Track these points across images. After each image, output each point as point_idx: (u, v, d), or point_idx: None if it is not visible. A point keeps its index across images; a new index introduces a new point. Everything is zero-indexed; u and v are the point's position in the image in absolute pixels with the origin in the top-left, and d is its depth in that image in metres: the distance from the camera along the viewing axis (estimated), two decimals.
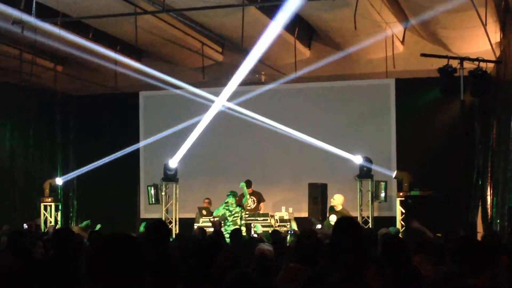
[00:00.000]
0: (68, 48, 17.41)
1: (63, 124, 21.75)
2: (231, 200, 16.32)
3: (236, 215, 16.24)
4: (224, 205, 16.42)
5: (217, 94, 19.60)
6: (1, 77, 19.09)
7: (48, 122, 21.42)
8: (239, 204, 16.75)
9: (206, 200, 18.72)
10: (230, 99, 19.58)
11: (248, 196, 17.52)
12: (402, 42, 18.64)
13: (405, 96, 18.90)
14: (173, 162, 19.06)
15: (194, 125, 19.81)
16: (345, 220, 4.88)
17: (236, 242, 10.76)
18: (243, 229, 15.82)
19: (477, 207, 17.73)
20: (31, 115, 20.61)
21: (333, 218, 15.59)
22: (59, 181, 20.46)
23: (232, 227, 15.11)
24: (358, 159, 18.14)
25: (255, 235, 14.32)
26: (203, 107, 19.95)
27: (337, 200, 16.68)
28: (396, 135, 19.09)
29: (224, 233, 14.73)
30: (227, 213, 16.21)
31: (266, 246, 8.23)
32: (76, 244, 6.83)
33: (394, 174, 18.16)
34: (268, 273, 6.36)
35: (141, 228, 15.53)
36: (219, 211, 16.46)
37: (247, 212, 17.26)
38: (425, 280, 5.34)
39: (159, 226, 6.60)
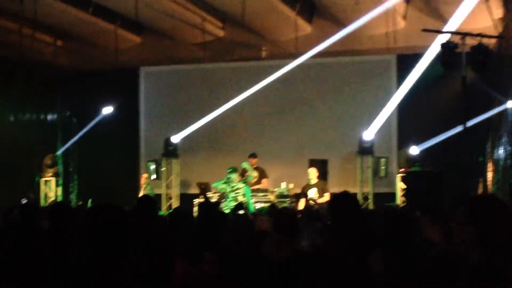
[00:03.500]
0: (68, 22, 17.38)
1: (63, 100, 21.70)
2: (233, 176, 16.27)
3: (238, 191, 16.21)
4: (225, 179, 16.34)
5: (217, 69, 19.57)
6: (1, 51, 19.02)
7: (48, 98, 21.37)
8: (243, 180, 16.69)
9: (144, 175, 18.59)
10: (231, 74, 19.56)
11: (254, 174, 17.41)
12: (404, 17, 18.54)
13: (407, 72, 18.83)
14: (176, 138, 19.04)
15: (194, 100, 19.80)
16: (341, 196, 4.80)
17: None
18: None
19: (477, 184, 17.74)
20: (31, 90, 20.55)
21: (312, 193, 15.66)
22: (59, 154, 20.45)
23: (233, 203, 15.09)
24: (368, 135, 18.02)
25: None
26: (203, 82, 19.94)
27: (311, 174, 16.60)
28: (397, 111, 19.04)
29: (225, 208, 14.74)
30: (228, 189, 16.16)
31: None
32: (73, 218, 6.83)
33: (395, 150, 18.15)
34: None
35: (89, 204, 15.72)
36: (219, 185, 16.40)
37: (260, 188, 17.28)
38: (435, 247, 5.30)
39: (145, 201, 6.64)
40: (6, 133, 19.61)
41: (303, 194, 16.31)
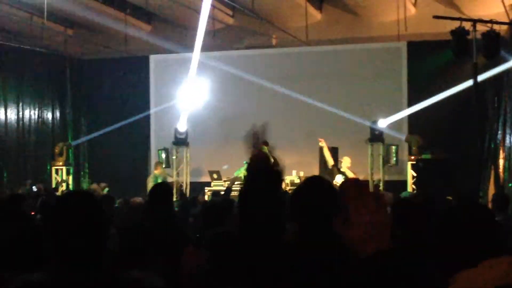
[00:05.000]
0: (79, 11, 17.37)
1: (73, 88, 21.75)
2: None
3: None
4: (246, 165, 16.35)
5: (227, 57, 19.55)
6: (12, 40, 19.04)
7: (59, 86, 21.42)
8: None
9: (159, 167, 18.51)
10: (241, 62, 19.54)
11: (271, 159, 17.37)
12: (414, 4, 18.44)
13: (417, 59, 18.76)
14: (182, 126, 19.02)
15: (204, 88, 19.79)
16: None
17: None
18: None
19: (489, 170, 17.69)
20: (41, 79, 20.61)
21: (338, 179, 15.50)
22: (70, 144, 20.54)
23: None
24: (382, 123, 17.97)
25: None
26: (213, 71, 19.92)
27: (345, 162, 16.56)
28: (407, 98, 18.98)
29: None
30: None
31: None
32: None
33: (405, 137, 18.11)
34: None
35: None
36: (240, 172, 16.46)
37: None
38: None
39: (161, 189, 6.62)
40: (17, 121, 19.66)
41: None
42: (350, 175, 15.70)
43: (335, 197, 3.26)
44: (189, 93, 18.80)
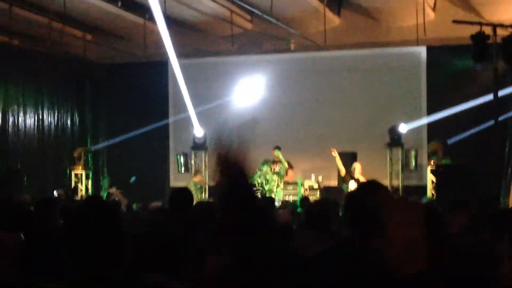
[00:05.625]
0: (97, 16, 17.44)
1: (92, 93, 21.82)
2: (265, 168, 16.27)
3: (273, 183, 16.21)
4: (259, 173, 16.36)
5: (246, 62, 19.56)
6: (31, 45, 19.15)
7: (78, 91, 21.49)
8: (276, 172, 16.67)
9: (199, 176, 18.44)
10: (259, 67, 19.56)
11: (286, 165, 17.39)
12: (434, 9, 18.38)
13: (436, 63, 18.67)
14: (198, 131, 19.02)
15: (222, 93, 19.83)
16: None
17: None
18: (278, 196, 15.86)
19: (509, 176, 17.56)
20: (60, 83, 20.67)
21: (351, 185, 15.40)
22: (89, 149, 20.61)
23: (268, 195, 15.17)
24: (402, 128, 17.90)
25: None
26: (232, 75, 19.95)
27: (357, 168, 16.49)
28: (427, 103, 18.88)
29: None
30: (264, 181, 16.18)
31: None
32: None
33: (424, 143, 18.02)
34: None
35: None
36: (254, 179, 16.47)
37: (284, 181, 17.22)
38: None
39: (180, 194, 6.61)
40: (37, 126, 19.74)
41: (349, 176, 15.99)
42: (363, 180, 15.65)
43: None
44: (243, 90, 18.94)
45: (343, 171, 16.04)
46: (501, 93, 13.79)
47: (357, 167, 16.33)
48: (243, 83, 19.91)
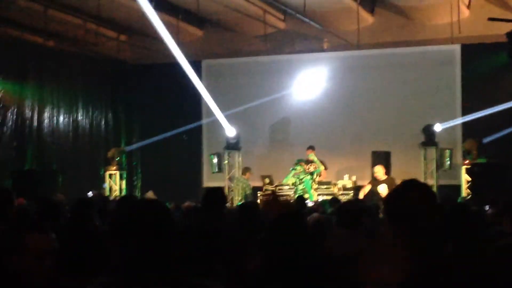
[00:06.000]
0: (131, 17, 17.52)
1: (126, 93, 21.94)
2: (299, 168, 16.24)
3: (306, 183, 16.21)
4: (292, 172, 16.33)
5: (279, 61, 19.56)
6: (66, 46, 19.32)
7: (112, 92, 21.64)
8: (311, 172, 16.63)
9: (248, 174, 18.36)
10: (293, 66, 19.57)
11: (322, 167, 17.32)
12: (468, 6, 18.22)
13: (471, 61, 18.50)
14: (229, 131, 19.02)
15: (255, 93, 19.84)
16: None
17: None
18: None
19: None
20: (94, 84, 20.83)
21: (382, 189, 15.04)
22: (123, 149, 20.73)
23: (301, 195, 15.17)
24: (437, 127, 17.75)
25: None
26: (265, 75, 19.96)
27: (379, 172, 16.26)
28: (461, 101, 18.72)
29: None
30: (297, 181, 16.15)
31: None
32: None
33: (459, 141, 17.88)
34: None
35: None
36: (288, 179, 16.45)
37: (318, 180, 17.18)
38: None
39: (214, 194, 6.62)
40: (72, 127, 19.91)
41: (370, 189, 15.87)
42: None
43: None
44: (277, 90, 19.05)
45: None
46: None
47: (378, 170, 16.21)
48: (277, 82, 19.90)
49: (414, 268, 3.03)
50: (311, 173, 16.63)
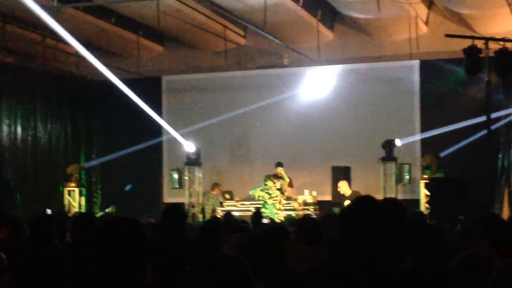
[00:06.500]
0: (91, 33, 17.44)
1: (86, 109, 21.78)
2: (269, 183, 16.24)
3: (275, 198, 16.20)
4: (263, 186, 16.33)
5: (239, 77, 19.61)
6: (25, 62, 19.15)
7: (71, 107, 21.44)
8: (279, 188, 16.66)
9: (217, 190, 18.39)
10: (253, 82, 19.62)
11: (287, 180, 17.40)
12: (426, 23, 18.45)
13: (430, 77, 18.72)
14: (188, 147, 19.01)
15: (216, 109, 19.87)
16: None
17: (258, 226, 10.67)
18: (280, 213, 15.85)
19: (503, 189, 17.58)
20: (54, 100, 20.64)
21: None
22: (83, 166, 20.57)
23: (274, 211, 15.28)
24: (396, 142, 17.90)
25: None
26: (225, 91, 20.00)
27: (343, 188, 16.53)
28: (420, 116, 18.92)
29: (265, 215, 14.82)
30: (267, 196, 16.15)
31: None
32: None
33: (418, 156, 18.04)
34: None
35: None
36: (256, 192, 16.40)
37: (285, 197, 17.18)
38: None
39: (173, 211, 6.63)
40: (30, 143, 19.69)
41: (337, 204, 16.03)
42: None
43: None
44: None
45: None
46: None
47: (342, 185, 16.44)
48: (238, 98, 19.94)
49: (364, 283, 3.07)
50: (280, 189, 16.64)
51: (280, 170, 17.45)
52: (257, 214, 12.43)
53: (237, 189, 18.84)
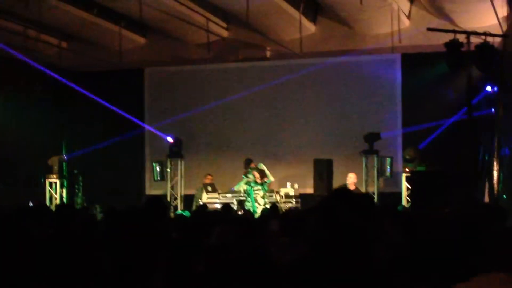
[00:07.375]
0: (73, 24, 17.35)
1: (68, 101, 21.66)
2: (251, 177, 16.26)
3: (257, 192, 16.22)
4: (245, 180, 16.34)
5: (222, 69, 19.59)
6: (6, 53, 19.01)
7: (53, 99, 21.33)
8: (262, 182, 16.67)
9: (209, 177, 18.63)
10: (236, 74, 19.59)
11: (272, 178, 17.42)
12: (408, 16, 18.48)
13: (412, 70, 18.81)
14: (170, 138, 19.05)
15: (198, 101, 19.85)
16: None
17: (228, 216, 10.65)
18: (264, 206, 15.88)
19: (484, 182, 17.68)
20: (36, 91, 20.52)
21: None
22: (64, 157, 20.49)
23: (257, 204, 15.33)
24: (378, 135, 17.98)
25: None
26: (208, 83, 19.98)
27: (350, 179, 16.66)
28: (402, 109, 19.01)
29: (247, 207, 14.85)
30: (249, 189, 16.16)
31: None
32: (82, 221, 6.79)
33: (399, 149, 18.12)
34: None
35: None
36: (240, 186, 16.45)
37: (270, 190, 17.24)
38: None
39: (155, 203, 6.64)
40: (11, 135, 19.58)
41: None
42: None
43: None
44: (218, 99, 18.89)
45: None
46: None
47: (352, 176, 16.58)
48: (220, 90, 19.95)
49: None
50: (262, 184, 16.65)
51: (260, 165, 17.46)
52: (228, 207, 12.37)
53: (219, 181, 18.85)
